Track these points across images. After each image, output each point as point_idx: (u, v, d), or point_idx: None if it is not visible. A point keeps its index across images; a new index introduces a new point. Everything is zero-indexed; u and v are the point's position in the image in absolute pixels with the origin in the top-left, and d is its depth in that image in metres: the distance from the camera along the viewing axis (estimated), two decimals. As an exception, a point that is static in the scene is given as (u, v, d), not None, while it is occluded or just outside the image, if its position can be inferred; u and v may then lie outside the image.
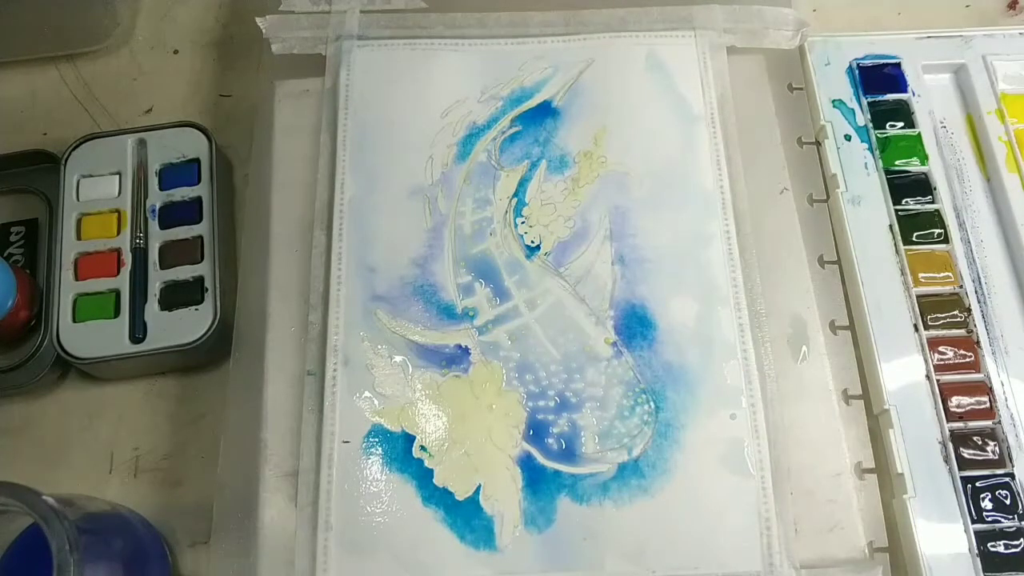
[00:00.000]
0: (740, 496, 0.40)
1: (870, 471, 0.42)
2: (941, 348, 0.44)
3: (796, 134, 0.49)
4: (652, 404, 0.42)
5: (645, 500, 0.40)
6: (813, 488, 0.42)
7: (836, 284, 0.46)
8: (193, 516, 0.43)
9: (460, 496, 0.41)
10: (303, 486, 0.41)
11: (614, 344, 0.43)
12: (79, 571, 0.33)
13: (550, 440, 0.42)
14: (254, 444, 0.42)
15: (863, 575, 0.40)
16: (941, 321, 0.45)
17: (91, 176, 0.49)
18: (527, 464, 0.41)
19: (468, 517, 0.40)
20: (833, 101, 0.50)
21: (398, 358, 0.43)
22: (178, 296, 0.46)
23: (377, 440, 0.42)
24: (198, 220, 0.48)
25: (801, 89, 0.50)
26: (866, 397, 0.44)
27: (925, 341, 0.44)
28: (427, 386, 0.43)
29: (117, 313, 0.45)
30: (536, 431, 0.42)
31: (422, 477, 0.41)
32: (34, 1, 0.51)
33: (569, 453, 0.41)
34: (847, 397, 0.43)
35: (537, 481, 0.41)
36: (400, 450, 0.41)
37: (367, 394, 0.42)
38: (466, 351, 0.44)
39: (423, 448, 0.42)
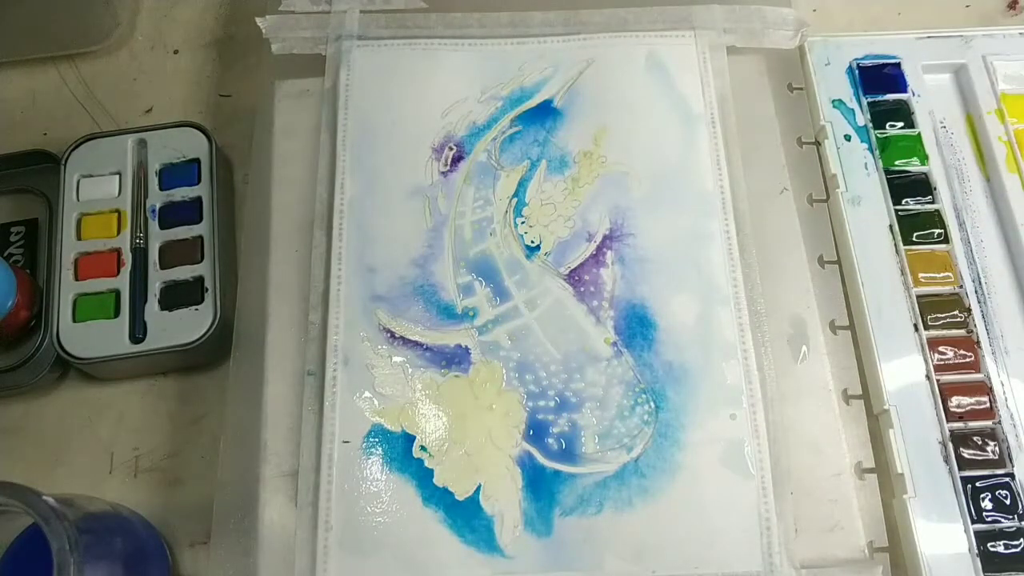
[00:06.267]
0: (740, 496, 0.40)
1: (870, 471, 0.42)
2: (941, 348, 0.44)
3: (796, 134, 0.49)
4: (652, 404, 0.42)
5: (645, 500, 0.40)
6: (813, 488, 0.42)
7: (836, 284, 0.46)
8: (193, 516, 0.43)
9: (460, 496, 0.41)
10: (303, 486, 0.41)
11: (614, 344, 0.43)
12: (79, 571, 0.33)
13: (550, 440, 0.42)
14: (254, 444, 0.42)
15: (863, 575, 0.40)
16: (941, 321, 0.45)
17: (91, 176, 0.49)
18: (527, 464, 0.41)
19: (468, 517, 0.40)
20: (833, 101, 0.50)
21: (398, 358, 0.43)
22: (178, 296, 0.46)
23: (377, 440, 0.42)
24: (198, 220, 0.48)
25: (801, 89, 0.50)
26: (866, 397, 0.44)
27: (925, 341, 0.44)
28: (427, 386, 0.43)
29: (117, 313, 0.45)
30: (536, 431, 0.42)
31: (422, 477, 0.41)
32: (34, 1, 0.51)
33: (569, 453, 0.41)
34: (847, 397, 0.43)
35: (537, 481, 0.41)
36: (400, 450, 0.42)
37: (367, 394, 0.42)
38: (466, 351, 0.44)
39: (423, 448, 0.42)
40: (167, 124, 0.50)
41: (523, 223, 0.46)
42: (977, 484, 0.41)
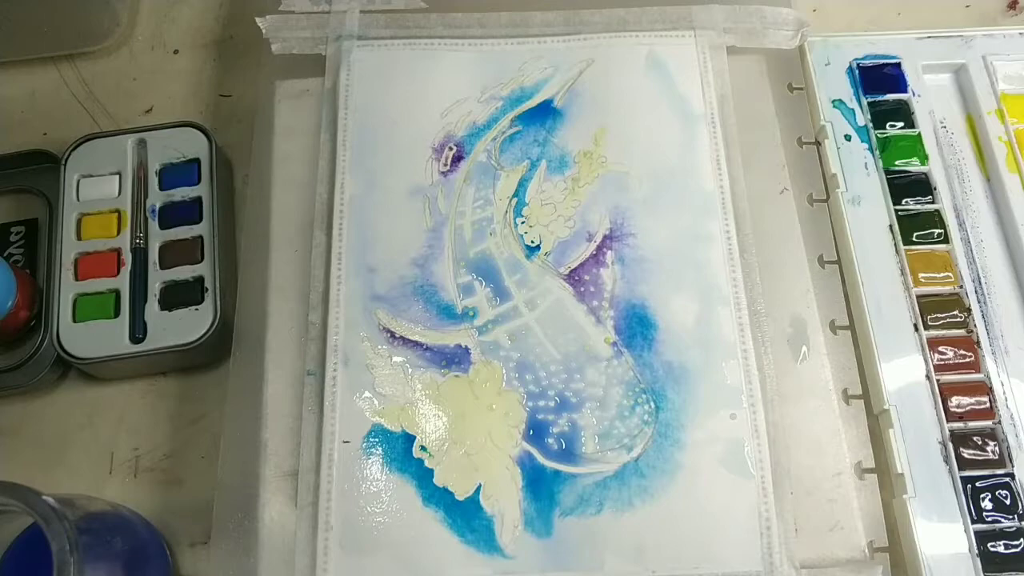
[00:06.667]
0: (740, 496, 0.40)
1: (870, 471, 0.42)
2: (941, 348, 0.44)
3: (796, 134, 0.49)
4: (652, 404, 0.42)
5: (645, 500, 0.40)
6: (813, 488, 0.42)
7: (836, 284, 0.46)
8: (193, 516, 0.43)
9: (460, 496, 0.41)
10: (303, 486, 0.41)
11: (614, 344, 0.43)
12: (79, 571, 0.33)
13: (550, 440, 0.42)
14: (254, 444, 0.42)
15: (863, 575, 0.40)
16: (941, 321, 0.45)
17: (91, 176, 0.49)
18: (527, 464, 0.41)
19: (468, 517, 0.40)
20: (833, 101, 0.50)
21: (398, 358, 0.43)
22: (178, 296, 0.46)
23: (377, 440, 0.42)
24: (198, 220, 0.48)
25: (801, 89, 0.50)
26: (866, 397, 0.44)
27: (925, 341, 0.44)
28: (427, 386, 0.43)
29: (117, 313, 0.45)
30: (536, 431, 0.42)
31: (422, 477, 0.41)
32: (34, 1, 0.51)
33: (569, 453, 0.42)
34: (847, 397, 0.43)
35: (537, 481, 0.41)
36: (400, 450, 0.42)
37: (367, 394, 0.42)
38: (466, 351, 0.44)
39: (423, 448, 0.42)
40: (167, 124, 0.50)
41: (523, 223, 0.46)
42: (977, 484, 0.41)
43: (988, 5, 0.56)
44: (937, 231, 0.47)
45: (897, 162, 0.48)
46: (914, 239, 0.46)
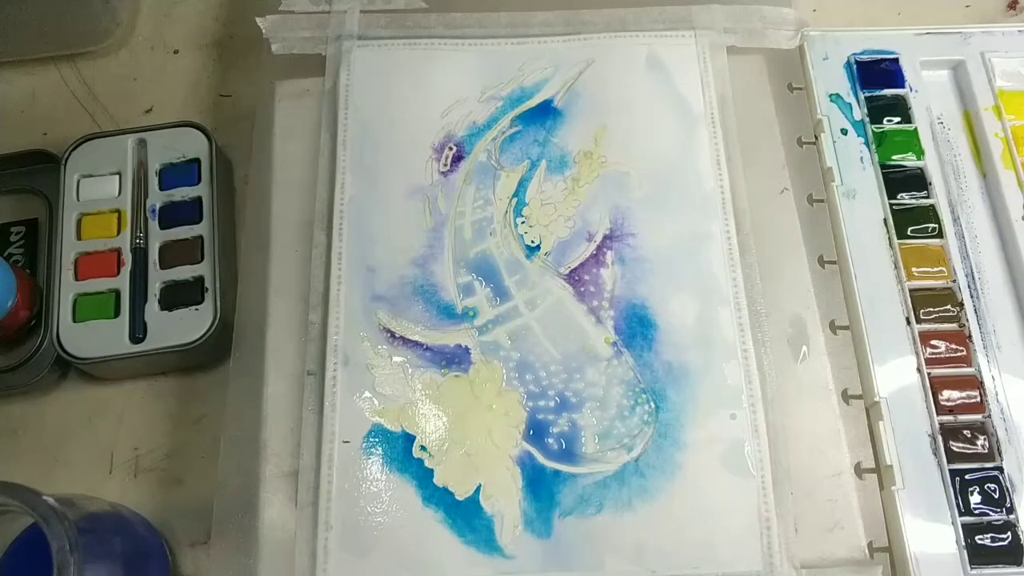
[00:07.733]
0: (740, 496, 0.40)
1: (870, 471, 0.42)
2: (933, 342, 0.44)
3: (796, 134, 0.49)
4: (652, 404, 0.42)
5: (645, 500, 0.40)
6: (813, 488, 0.42)
7: (836, 284, 0.46)
8: (193, 516, 0.43)
9: (460, 496, 0.41)
10: (303, 486, 0.41)
11: (614, 344, 0.43)
12: (79, 571, 0.33)
13: (550, 440, 0.42)
14: (254, 444, 0.42)
15: (863, 575, 0.40)
16: (933, 315, 0.45)
17: (91, 176, 0.49)
18: (527, 464, 0.41)
19: (468, 517, 0.40)
20: (830, 95, 0.50)
21: (398, 358, 0.43)
22: (178, 296, 0.46)
23: (377, 440, 0.42)
24: (198, 220, 0.48)
25: (801, 89, 0.50)
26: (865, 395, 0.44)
27: (917, 335, 0.44)
28: (427, 386, 0.43)
29: (117, 313, 0.45)
30: (536, 431, 0.42)
31: (422, 477, 0.41)
32: (34, 1, 0.51)
33: (569, 453, 0.42)
34: (847, 397, 0.43)
35: (537, 481, 0.41)
36: (400, 450, 0.42)
37: (367, 394, 0.42)
38: (466, 351, 0.44)
39: (423, 448, 0.42)
40: (167, 124, 0.50)
41: (523, 223, 0.46)
42: (966, 477, 0.41)
43: (988, 5, 0.56)
44: (931, 226, 0.47)
45: (893, 157, 0.48)
46: (908, 233, 0.46)
